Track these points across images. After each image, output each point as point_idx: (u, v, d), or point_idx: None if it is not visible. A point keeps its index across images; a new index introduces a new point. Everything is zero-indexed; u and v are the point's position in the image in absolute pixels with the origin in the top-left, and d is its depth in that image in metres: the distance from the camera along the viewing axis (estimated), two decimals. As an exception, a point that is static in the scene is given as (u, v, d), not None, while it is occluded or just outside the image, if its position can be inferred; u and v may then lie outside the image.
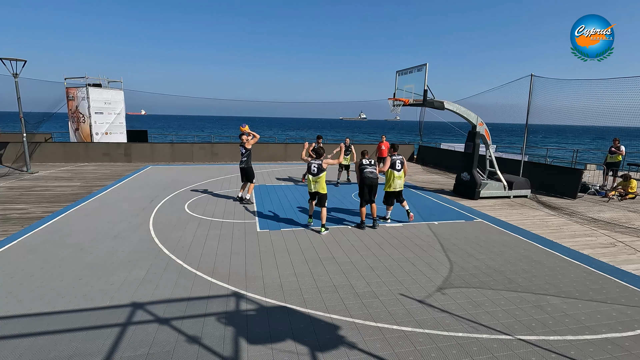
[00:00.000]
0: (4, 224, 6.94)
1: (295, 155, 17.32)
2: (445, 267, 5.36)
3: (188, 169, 14.20)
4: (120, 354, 3.29)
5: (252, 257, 5.56)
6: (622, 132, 12.34)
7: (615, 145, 11.36)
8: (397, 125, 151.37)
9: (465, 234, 6.89)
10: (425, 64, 8.96)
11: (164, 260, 5.37)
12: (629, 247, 6.41)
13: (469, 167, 10.07)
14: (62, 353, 3.29)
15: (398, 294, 4.52)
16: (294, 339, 3.56)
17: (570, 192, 10.29)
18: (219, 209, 8.29)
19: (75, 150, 15.62)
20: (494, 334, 3.72)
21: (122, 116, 18.22)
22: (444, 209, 8.81)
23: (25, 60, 12.12)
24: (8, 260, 5.26)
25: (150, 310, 4.01)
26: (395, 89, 10.38)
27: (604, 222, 7.92)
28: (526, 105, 10.60)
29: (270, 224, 7.26)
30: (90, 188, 10.35)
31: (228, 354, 3.34)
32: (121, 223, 7.10)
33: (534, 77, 10.47)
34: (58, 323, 3.72)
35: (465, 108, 9.71)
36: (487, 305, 4.29)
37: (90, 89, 16.75)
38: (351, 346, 3.47)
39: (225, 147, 17.00)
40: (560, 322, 3.97)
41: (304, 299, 4.34)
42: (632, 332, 3.81)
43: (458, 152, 15.30)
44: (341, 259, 5.58)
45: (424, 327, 3.80)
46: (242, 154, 8.74)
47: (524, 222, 7.84)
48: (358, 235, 6.70)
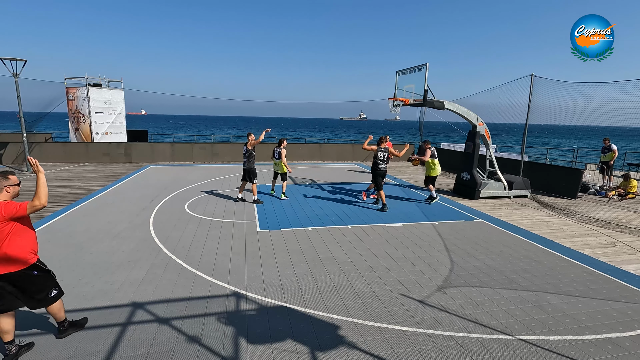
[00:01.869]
0: (4, 224, 6.93)
1: (295, 155, 17.32)
2: (446, 267, 5.36)
3: (188, 169, 14.20)
4: (120, 354, 3.29)
5: (252, 257, 5.56)
6: (621, 132, 12.35)
7: (606, 144, 11.39)
8: (397, 125, 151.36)
9: (466, 234, 6.89)
10: (426, 64, 8.96)
11: (164, 260, 5.37)
12: (629, 247, 6.41)
13: (469, 167, 10.07)
14: (62, 353, 3.29)
15: (398, 293, 4.52)
16: (294, 339, 3.56)
17: (570, 192, 10.29)
18: (219, 209, 8.29)
19: (76, 150, 15.62)
20: (494, 333, 3.72)
21: (122, 116, 18.22)
22: (444, 209, 8.81)
23: (25, 60, 12.13)
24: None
25: (150, 310, 4.01)
26: (396, 89, 10.38)
27: (604, 222, 7.92)
28: (526, 106, 10.59)
29: (270, 224, 7.26)
30: (90, 188, 10.35)
31: (228, 354, 3.34)
32: (121, 223, 7.11)
33: (534, 77, 10.46)
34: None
35: (465, 108, 9.71)
36: (487, 305, 4.29)
37: (90, 88, 16.74)
38: (351, 346, 3.47)
39: (226, 147, 17.00)
40: (561, 322, 3.97)
41: (304, 298, 4.34)
42: (632, 332, 3.81)
43: (458, 152, 15.31)
44: (341, 258, 5.58)
45: (424, 327, 3.80)
46: (244, 154, 8.76)
47: (524, 222, 7.84)
48: (358, 235, 6.70)
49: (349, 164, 17.14)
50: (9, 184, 3.12)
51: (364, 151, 18.53)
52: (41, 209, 3.07)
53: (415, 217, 8.01)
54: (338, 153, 18.32)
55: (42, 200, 3.03)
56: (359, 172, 14.69)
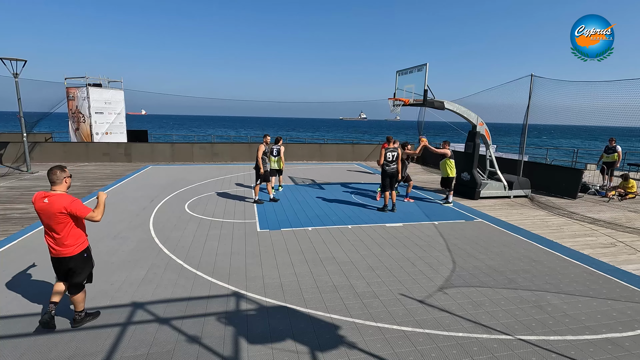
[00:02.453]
0: (4, 224, 6.94)
1: (296, 155, 17.33)
2: (446, 267, 5.36)
3: (188, 169, 14.20)
4: (120, 354, 3.29)
5: (252, 257, 5.56)
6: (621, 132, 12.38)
7: (611, 145, 11.37)
8: (397, 125, 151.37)
9: (466, 234, 6.89)
10: (426, 64, 8.96)
11: (164, 260, 5.37)
12: (629, 247, 6.41)
13: (469, 167, 10.07)
14: (62, 353, 3.29)
15: (398, 293, 4.52)
16: (294, 339, 3.56)
17: (571, 192, 10.29)
18: (219, 209, 8.29)
19: (76, 150, 15.63)
20: (494, 333, 3.72)
21: (122, 116, 18.23)
22: (444, 209, 8.81)
23: (25, 60, 12.13)
24: (8, 260, 5.27)
25: (151, 310, 4.01)
26: (396, 89, 10.38)
27: (604, 222, 7.92)
28: (525, 106, 10.58)
29: (270, 224, 7.26)
30: (90, 188, 10.35)
31: (228, 354, 3.34)
32: (121, 223, 7.11)
33: (534, 77, 10.46)
34: (58, 323, 3.72)
35: (465, 108, 9.71)
36: (487, 305, 4.29)
37: (90, 88, 16.75)
38: (351, 346, 3.47)
39: (226, 147, 17.00)
40: (561, 322, 3.97)
41: (304, 298, 4.34)
42: (632, 332, 3.81)
43: (458, 152, 15.30)
44: (341, 258, 5.58)
45: (424, 327, 3.80)
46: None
47: (524, 222, 7.84)
48: (358, 235, 6.70)
49: (349, 164, 17.14)
50: (67, 175, 3.51)
51: (364, 151, 18.55)
52: (94, 222, 3.56)
53: (416, 217, 8.01)
54: (338, 153, 18.32)
55: (98, 217, 3.53)
56: (359, 172, 14.69)
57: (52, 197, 3.39)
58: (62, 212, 3.38)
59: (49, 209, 3.37)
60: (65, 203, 3.38)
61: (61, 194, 3.43)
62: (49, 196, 3.39)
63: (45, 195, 3.41)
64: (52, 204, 3.36)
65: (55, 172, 3.43)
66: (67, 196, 3.44)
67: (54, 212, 3.37)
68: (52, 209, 3.36)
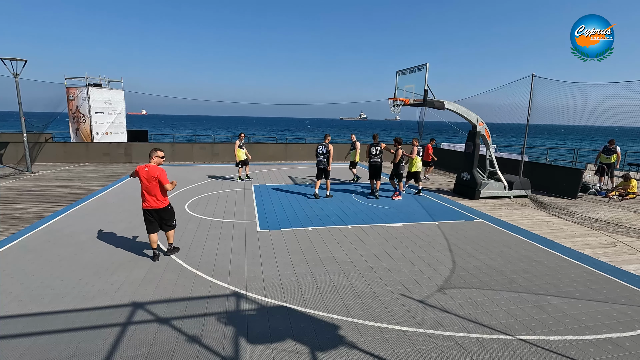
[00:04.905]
0: (5, 224, 6.94)
1: (295, 155, 17.32)
2: (446, 267, 5.35)
3: (188, 169, 14.21)
4: (120, 354, 3.29)
5: (252, 257, 5.56)
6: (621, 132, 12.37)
7: (611, 146, 11.36)
8: (396, 125, 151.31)
9: (466, 234, 6.89)
10: (426, 64, 8.96)
11: (164, 260, 5.37)
12: (629, 247, 6.41)
13: (469, 167, 10.06)
14: (62, 353, 3.29)
15: (398, 293, 4.52)
16: (294, 339, 3.56)
17: (571, 192, 10.29)
18: (219, 209, 8.29)
19: (76, 150, 15.63)
20: (494, 334, 3.72)
21: (123, 116, 18.22)
22: (444, 209, 8.81)
23: (25, 60, 12.13)
24: (8, 260, 5.27)
25: (151, 310, 4.01)
26: (396, 89, 10.38)
27: (604, 222, 7.92)
28: (526, 105, 10.57)
29: (270, 224, 7.26)
30: (90, 188, 10.36)
31: (228, 354, 3.34)
32: (121, 223, 7.11)
33: (535, 78, 10.45)
34: (58, 323, 3.72)
35: (465, 108, 9.70)
36: (487, 305, 4.29)
37: (90, 89, 16.75)
38: (351, 346, 3.47)
39: (226, 147, 16.99)
40: (561, 322, 3.96)
41: (304, 298, 4.34)
42: (633, 332, 3.81)
43: (458, 152, 15.30)
44: (341, 258, 5.58)
45: (424, 327, 3.80)
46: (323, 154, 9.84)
47: (524, 222, 7.83)
48: (358, 235, 6.70)
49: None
50: (157, 155, 5.26)
51: (364, 151, 18.56)
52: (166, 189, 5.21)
53: (416, 217, 8.01)
54: (338, 153, 18.30)
55: (169, 188, 5.20)
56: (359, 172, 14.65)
57: (149, 167, 5.11)
58: (154, 177, 5.06)
59: (149, 174, 5.06)
60: (156, 171, 5.09)
61: (154, 165, 5.15)
62: (148, 166, 5.10)
63: (146, 165, 5.10)
64: (149, 171, 5.07)
65: (150, 152, 5.27)
66: (158, 167, 5.14)
67: (152, 176, 5.06)
68: (150, 174, 5.06)
